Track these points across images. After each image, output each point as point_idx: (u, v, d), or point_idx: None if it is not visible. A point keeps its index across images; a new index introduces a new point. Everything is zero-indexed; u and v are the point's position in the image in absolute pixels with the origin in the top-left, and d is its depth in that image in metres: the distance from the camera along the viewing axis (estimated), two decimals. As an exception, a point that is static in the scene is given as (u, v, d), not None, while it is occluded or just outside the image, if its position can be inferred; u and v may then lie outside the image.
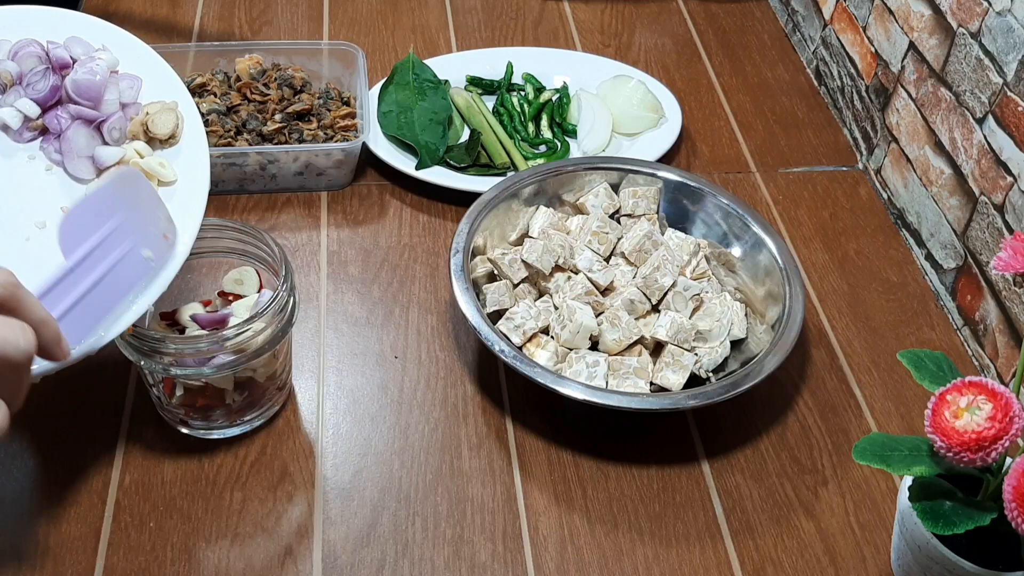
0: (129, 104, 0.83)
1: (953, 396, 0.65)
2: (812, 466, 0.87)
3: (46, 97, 0.81)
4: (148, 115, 0.81)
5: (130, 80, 0.84)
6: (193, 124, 0.83)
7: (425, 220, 1.07)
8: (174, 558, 0.78)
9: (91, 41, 0.85)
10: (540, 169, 1.01)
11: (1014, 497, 0.62)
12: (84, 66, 0.82)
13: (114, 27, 0.87)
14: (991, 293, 0.95)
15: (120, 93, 0.83)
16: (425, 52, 1.28)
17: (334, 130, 1.10)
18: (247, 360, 0.79)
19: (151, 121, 0.80)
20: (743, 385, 0.84)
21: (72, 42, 0.84)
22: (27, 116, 0.81)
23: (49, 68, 0.82)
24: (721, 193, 1.00)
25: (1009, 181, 0.92)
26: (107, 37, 0.86)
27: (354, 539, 0.80)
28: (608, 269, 0.94)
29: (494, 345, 0.85)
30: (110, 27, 0.87)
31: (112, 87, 0.82)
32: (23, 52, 0.82)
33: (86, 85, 0.80)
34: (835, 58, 1.25)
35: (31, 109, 0.81)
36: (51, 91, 0.81)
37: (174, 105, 0.82)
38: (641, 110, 1.17)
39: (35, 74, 0.81)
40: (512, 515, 0.82)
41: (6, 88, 0.82)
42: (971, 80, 0.98)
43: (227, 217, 1.00)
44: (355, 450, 0.86)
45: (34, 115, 0.81)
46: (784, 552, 0.81)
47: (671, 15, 1.39)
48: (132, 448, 0.85)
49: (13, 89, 0.82)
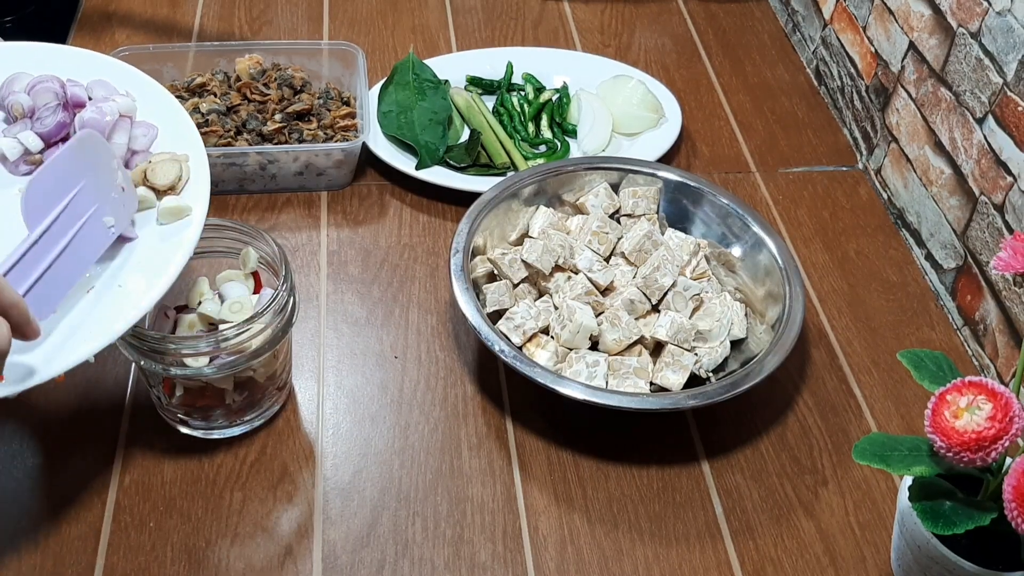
0: (140, 151, 0.80)
1: (953, 396, 0.65)
2: (812, 466, 0.87)
3: (51, 132, 0.79)
4: (150, 163, 0.78)
5: (145, 128, 0.81)
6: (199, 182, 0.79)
7: (425, 220, 1.07)
8: (174, 558, 0.78)
9: (117, 86, 0.83)
10: (540, 169, 1.01)
11: (1014, 497, 0.62)
12: (95, 105, 0.80)
13: (144, 76, 0.85)
14: (991, 293, 0.95)
15: (132, 139, 0.80)
16: (425, 52, 1.28)
17: (334, 130, 1.10)
18: (247, 360, 0.80)
19: (151, 170, 0.78)
20: (743, 385, 0.84)
21: (96, 84, 0.82)
22: (27, 149, 0.78)
23: (61, 105, 0.80)
24: (721, 193, 1.00)
25: (1009, 181, 0.92)
26: (135, 84, 0.84)
27: (354, 539, 0.80)
28: (608, 269, 0.94)
29: (494, 345, 0.85)
30: (141, 75, 0.85)
31: (122, 131, 0.80)
32: (40, 87, 0.81)
33: (92, 124, 0.78)
34: (835, 58, 1.25)
35: (33, 142, 0.79)
36: (57, 127, 0.79)
37: (183, 158, 0.80)
38: (641, 110, 1.17)
39: (46, 109, 0.80)
40: (512, 515, 0.82)
41: (16, 120, 0.80)
42: (971, 80, 0.98)
43: (227, 217, 1.00)
44: (355, 450, 0.86)
45: (35, 149, 0.79)
46: (784, 552, 0.81)
47: (671, 15, 1.39)
48: (132, 448, 0.85)
49: (22, 121, 0.80)
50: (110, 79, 0.84)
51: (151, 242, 0.76)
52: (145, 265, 0.74)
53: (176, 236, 0.76)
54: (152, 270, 0.73)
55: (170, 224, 0.76)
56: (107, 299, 0.72)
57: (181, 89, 1.13)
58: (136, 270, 0.74)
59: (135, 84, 0.84)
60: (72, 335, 0.69)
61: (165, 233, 0.76)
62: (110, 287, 0.73)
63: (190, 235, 0.75)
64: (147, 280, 0.73)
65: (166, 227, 0.76)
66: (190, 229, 0.76)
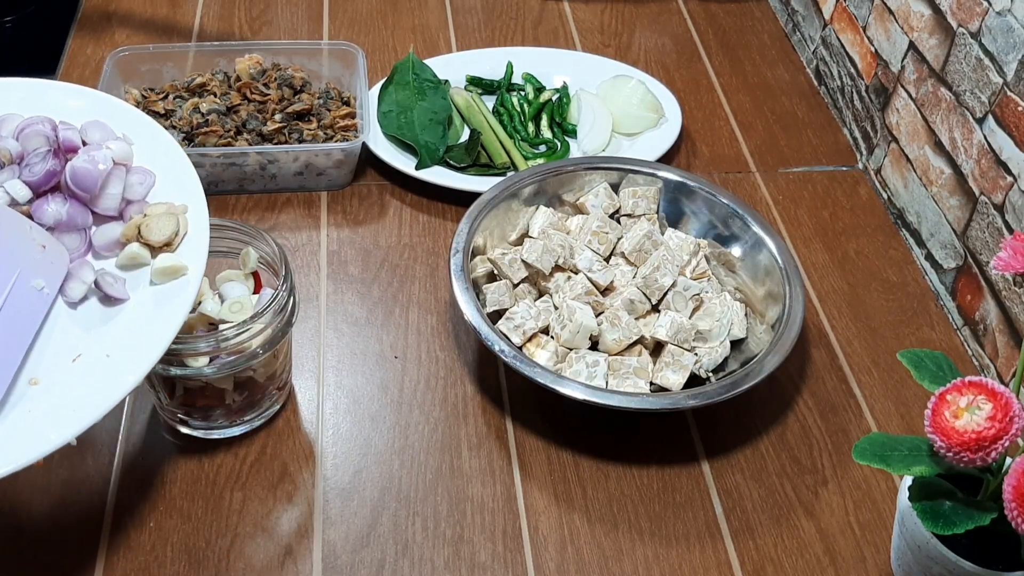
0: (135, 201, 0.76)
1: (953, 396, 0.65)
2: (812, 466, 0.87)
3: (40, 181, 0.74)
4: (145, 217, 0.73)
5: (142, 175, 0.76)
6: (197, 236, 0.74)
7: (425, 220, 1.07)
8: (174, 558, 0.78)
9: (114, 128, 0.78)
10: (540, 169, 1.01)
11: (1014, 497, 0.62)
12: (87, 153, 0.74)
13: (143, 115, 0.80)
14: (991, 293, 0.95)
15: (127, 188, 0.75)
16: (425, 52, 1.28)
17: (334, 130, 1.10)
18: (247, 360, 0.80)
19: (145, 225, 0.72)
20: (743, 385, 0.84)
21: (91, 126, 0.78)
22: (14, 199, 0.74)
23: (51, 151, 0.75)
24: (721, 193, 1.00)
25: (1009, 181, 0.92)
26: (133, 125, 0.79)
27: (354, 539, 0.80)
28: (608, 269, 0.94)
29: (494, 345, 0.85)
30: (140, 116, 0.80)
31: (116, 180, 0.75)
32: (30, 130, 0.76)
33: (83, 174, 0.73)
34: (835, 58, 1.25)
35: (20, 192, 0.73)
36: (46, 176, 0.74)
37: (182, 210, 0.74)
38: (641, 110, 1.17)
39: (36, 155, 0.75)
40: (512, 515, 0.82)
41: (3, 166, 0.75)
42: (971, 80, 0.98)
43: (227, 217, 1.00)
44: (355, 450, 0.86)
45: (23, 199, 0.73)
46: (784, 552, 0.81)
47: (671, 15, 1.39)
48: (132, 448, 0.85)
49: (9, 168, 0.75)
50: (107, 118, 0.79)
51: (144, 304, 0.71)
52: (136, 331, 0.69)
53: (171, 299, 0.71)
54: (144, 337, 0.69)
55: (164, 284, 0.72)
56: (94, 370, 0.67)
57: (181, 89, 1.13)
58: (127, 337, 0.69)
59: (134, 124, 0.79)
60: (55, 412, 0.65)
61: (159, 295, 0.71)
62: (98, 356, 0.68)
63: (185, 298, 0.71)
64: (138, 349, 0.68)
65: (160, 288, 0.72)
66: (186, 290, 0.71)
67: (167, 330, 0.69)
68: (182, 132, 1.07)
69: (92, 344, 0.69)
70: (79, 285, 0.72)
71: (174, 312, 0.70)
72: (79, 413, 0.64)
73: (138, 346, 0.68)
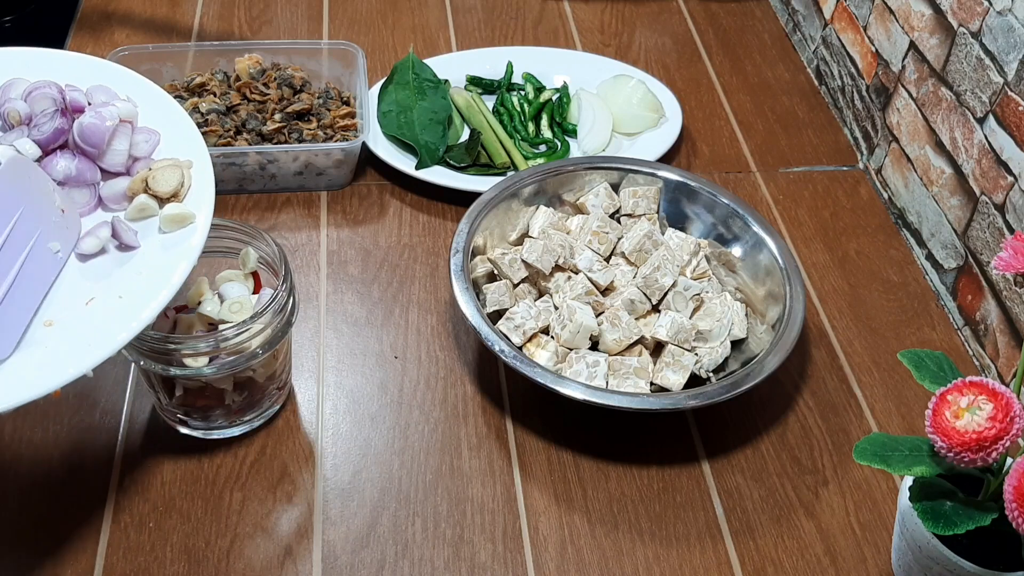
0: (141, 158, 0.78)
1: (954, 396, 0.65)
2: (812, 466, 0.87)
3: (48, 139, 0.75)
4: (151, 171, 0.75)
5: (147, 134, 0.78)
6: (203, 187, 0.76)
7: (425, 220, 1.07)
8: (174, 558, 0.78)
9: (118, 91, 0.80)
10: (540, 169, 1.01)
11: (1014, 497, 0.62)
12: (94, 110, 0.76)
13: (145, 80, 0.82)
14: (992, 293, 0.95)
15: (133, 145, 0.77)
16: (425, 52, 1.28)
17: (334, 130, 1.10)
18: (247, 360, 0.79)
19: (152, 177, 0.74)
20: (743, 385, 0.84)
21: (96, 89, 0.79)
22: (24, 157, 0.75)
23: (59, 111, 0.77)
24: (721, 193, 1.00)
25: (1010, 181, 0.92)
26: (136, 89, 0.81)
27: (354, 539, 0.80)
28: (608, 269, 0.94)
29: (494, 345, 0.85)
30: (142, 80, 0.82)
31: (123, 137, 0.77)
32: (37, 92, 0.78)
33: (91, 130, 0.75)
34: (835, 58, 1.25)
35: (29, 149, 0.75)
36: (55, 133, 0.75)
37: (187, 164, 0.77)
38: (641, 110, 1.17)
39: (44, 115, 0.77)
40: (512, 515, 0.82)
41: (12, 127, 0.77)
42: (972, 80, 0.98)
43: (226, 217, 1.00)
44: (355, 450, 0.86)
45: (32, 156, 0.75)
46: (784, 552, 0.81)
47: (671, 15, 1.39)
48: (132, 448, 0.85)
49: (18, 128, 0.77)
50: (110, 84, 0.81)
51: (153, 251, 0.73)
52: (147, 275, 0.71)
53: (179, 245, 0.73)
54: (155, 280, 0.71)
55: (173, 232, 0.74)
56: (107, 311, 0.69)
57: (181, 89, 1.13)
58: (138, 280, 0.71)
59: (136, 89, 0.82)
60: (70, 348, 0.67)
61: (168, 242, 0.74)
62: (110, 298, 0.70)
63: (194, 242, 0.73)
64: (149, 290, 0.70)
65: (169, 235, 0.74)
66: (194, 236, 0.73)
67: (178, 271, 0.71)
68: (182, 132, 1.07)
69: (104, 289, 0.71)
70: (94, 240, 0.74)
71: (184, 255, 0.72)
72: (95, 348, 0.67)
73: (150, 287, 0.70)
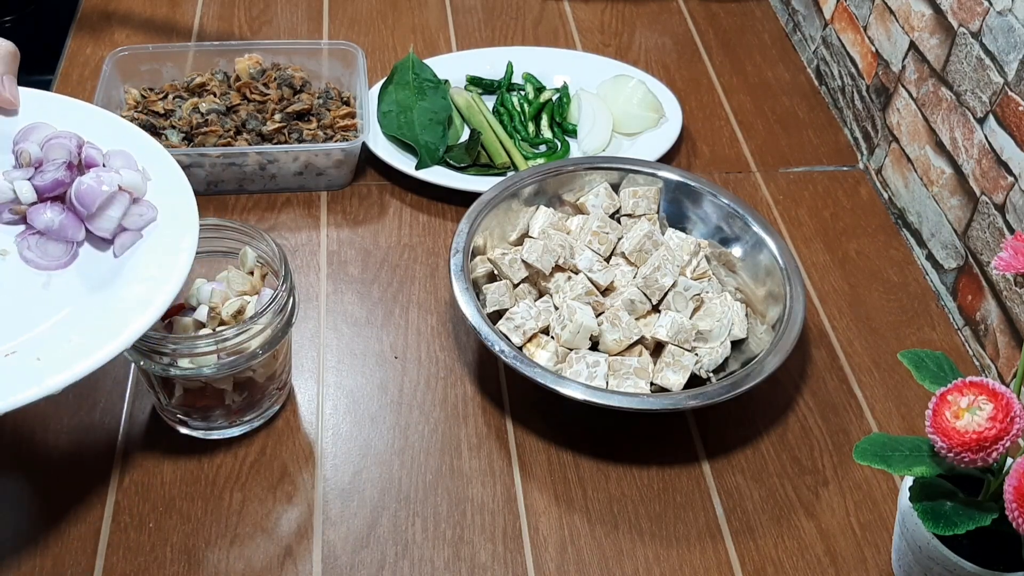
0: (130, 231, 0.76)
1: (954, 396, 0.65)
2: (813, 466, 0.87)
3: (47, 187, 0.75)
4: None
5: (145, 208, 0.76)
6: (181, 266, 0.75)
7: (425, 220, 1.07)
8: (174, 558, 0.78)
9: (137, 160, 0.78)
10: (540, 169, 1.01)
11: (1015, 497, 0.61)
12: (96, 173, 0.75)
13: (174, 162, 0.80)
14: (992, 293, 0.95)
15: (126, 216, 0.75)
16: (425, 52, 1.28)
17: (334, 130, 1.10)
18: (247, 360, 0.79)
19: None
20: (743, 385, 0.84)
21: (116, 154, 0.78)
22: (16, 197, 0.75)
23: (67, 164, 0.76)
24: (721, 193, 1.00)
25: (1010, 181, 0.92)
26: (159, 166, 0.79)
27: (354, 540, 0.80)
28: (608, 269, 0.94)
29: (494, 345, 0.85)
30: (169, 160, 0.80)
31: (118, 205, 0.75)
32: (55, 141, 0.77)
33: (86, 191, 0.74)
34: (836, 58, 1.25)
35: (24, 191, 0.74)
36: (54, 183, 0.75)
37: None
38: (641, 110, 1.17)
39: (53, 163, 0.76)
40: (512, 515, 0.82)
41: (21, 167, 0.77)
42: (972, 80, 0.98)
43: (226, 217, 1.00)
44: (355, 450, 0.86)
45: (26, 199, 0.75)
46: (784, 552, 0.81)
47: (671, 15, 1.39)
48: (132, 448, 0.85)
49: (24, 170, 0.76)
50: (137, 153, 0.79)
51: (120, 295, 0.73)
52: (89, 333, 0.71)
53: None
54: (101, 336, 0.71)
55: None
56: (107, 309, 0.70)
57: (181, 89, 1.12)
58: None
59: (160, 166, 0.79)
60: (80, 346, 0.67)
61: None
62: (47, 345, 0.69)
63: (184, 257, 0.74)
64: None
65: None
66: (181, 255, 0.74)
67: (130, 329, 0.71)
68: (182, 132, 1.07)
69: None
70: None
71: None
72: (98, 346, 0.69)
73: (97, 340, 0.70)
